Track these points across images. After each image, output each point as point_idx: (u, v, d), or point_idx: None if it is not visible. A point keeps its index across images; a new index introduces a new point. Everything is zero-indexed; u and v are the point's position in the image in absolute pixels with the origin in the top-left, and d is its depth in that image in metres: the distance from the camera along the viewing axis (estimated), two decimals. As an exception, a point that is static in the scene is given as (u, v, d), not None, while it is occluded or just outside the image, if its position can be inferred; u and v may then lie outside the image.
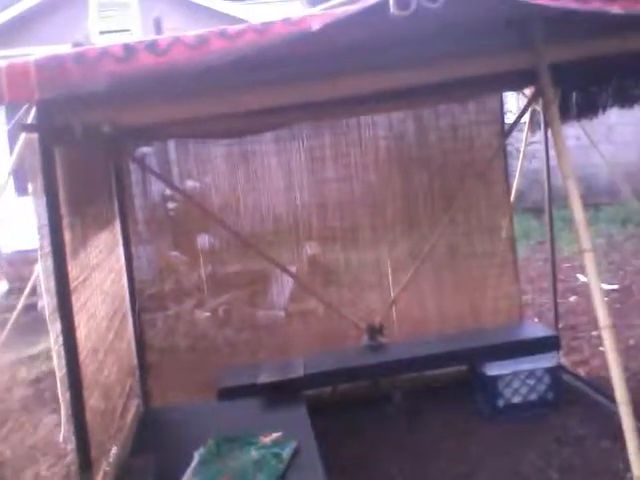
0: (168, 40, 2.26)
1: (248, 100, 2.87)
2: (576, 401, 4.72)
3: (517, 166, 5.55)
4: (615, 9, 2.48)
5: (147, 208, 5.10)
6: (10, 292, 6.85)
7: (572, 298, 7.01)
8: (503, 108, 5.32)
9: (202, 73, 2.27)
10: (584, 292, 6.92)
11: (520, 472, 3.94)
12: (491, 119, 5.18)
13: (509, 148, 5.74)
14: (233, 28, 2.30)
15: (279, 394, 4.21)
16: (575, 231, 2.89)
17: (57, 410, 3.98)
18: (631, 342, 5.76)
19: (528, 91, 4.91)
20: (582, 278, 7.50)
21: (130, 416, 4.20)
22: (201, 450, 3.48)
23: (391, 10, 2.21)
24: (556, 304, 5.35)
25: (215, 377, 4.62)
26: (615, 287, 7.24)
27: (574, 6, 2.44)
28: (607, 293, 6.71)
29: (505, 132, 5.24)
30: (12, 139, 2.66)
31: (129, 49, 2.23)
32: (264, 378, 4.40)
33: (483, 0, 2.32)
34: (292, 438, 3.51)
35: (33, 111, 2.55)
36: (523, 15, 2.62)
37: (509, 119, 5.87)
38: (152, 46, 2.23)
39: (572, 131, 5.19)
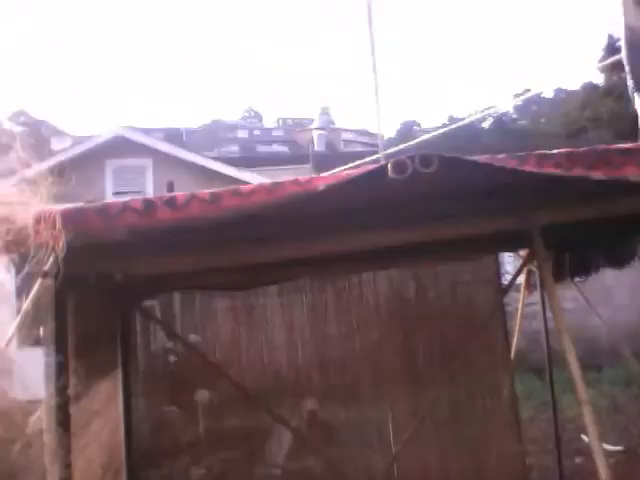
0: (185, 196, 2.46)
1: (256, 254, 3.03)
2: None
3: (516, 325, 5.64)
4: (597, 175, 2.69)
5: (148, 359, 5.13)
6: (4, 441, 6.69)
7: (577, 459, 6.81)
8: (499, 268, 5.51)
9: (214, 227, 2.44)
10: (589, 453, 6.71)
11: None
12: (488, 278, 5.36)
13: (508, 308, 5.87)
14: (245, 187, 2.50)
15: None
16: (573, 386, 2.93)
17: None
18: (639, 507, 5.53)
19: (523, 252, 5.12)
20: (587, 439, 7.32)
21: None
22: None
23: (389, 174, 2.42)
24: (561, 466, 5.22)
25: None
26: (620, 449, 7.07)
27: (558, 172, 2.65)
28: (612, 454, 6.53)
29: (502, 290, 5.38)
30: (19, 284, 2.78)
31: (148, 203, 2.42)
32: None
33: (472, 167, 2.53)
34: None
35: (51, 258, 2.70)
36: (511, 180, 2.83)
37: (507, 280, 6.04)
38: (170, 202, 2.42)
39: (570, 293, 5.33)
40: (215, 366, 5.03)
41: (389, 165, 2.42)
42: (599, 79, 26.99)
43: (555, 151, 2.73)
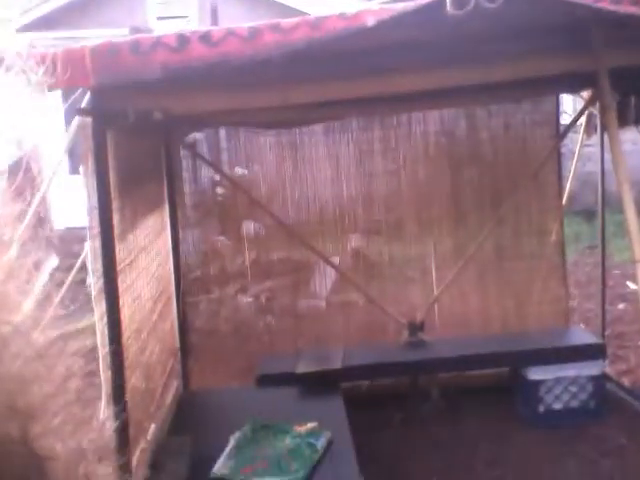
0: (222, 32, 2.28)
1: (299, 94, 2.87)
2: (619, 411, 4.62)
3: (570, 168, 5.43)
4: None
5: (196, 193, 5.17)
6: (60, 268, 7.02)
7: (621, 306, 6.83)
8: (559, 109, 5.20)
9: (254, 65, 2.28)
10: (634, 300, 6.74)
11: (556, 480, 3.88)
12: (546, 120, 5.08)
13: (563, 149, 5.61)
14: (287, 22, 2.30)
15: (316, 384, 4.24)
16: (628, 239, 2.82)
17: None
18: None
19: (585, 93, 4.80)
20: (632, 286, 7.32)
21: (170, 396, 4.28)
22: (237, 435, 3.54)
23: (448, 9, 2.18)
24: (604, 311, 5.23)
25: (254, 363, 4.67)
26: (665, 297, 7.03)
27: (635, 11, 2.37)
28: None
29: (560, 134, 5.13)
30: (68, 120, 2.76)
31: (183, 39, 2.26)
32: (302, 368, 4.43)
33: (542, 2, 2.27)
34: (327, 429, 3.53)
35: (87, 95, 2.61)
36: (583, 18, 2.56)
37: (564, 120, 5.74)
38: (205, 37, 2.25)
39: (628, 135, 5.04)
40: (260, 202, 5.04)
41: (448, -2, 2.18)
42: None
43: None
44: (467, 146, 5.12)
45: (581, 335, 5.09)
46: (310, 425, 3.59)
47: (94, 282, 2.74)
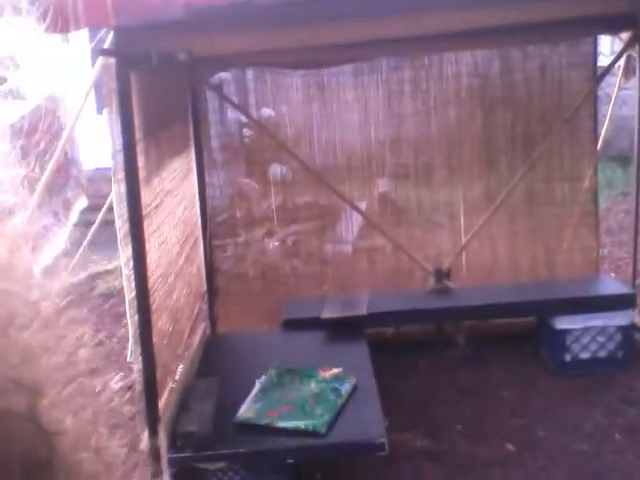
0: (247, -31, 2.19)
1: (325, 34, 2.78)
2: (647, 362, 4.56)
3: (606, 112, 5.25)
4: None
5: (223, 135, 5.11)
6: (89, 208, 7.06)
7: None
8: (596, 51, 4.99)
9: (278, 5, 2.19)
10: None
11: (582, 429, 3.86)
12: (582, 62, 4.88)
13: (599, 93, 5.41)
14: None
15: (342, 330, 4.25)
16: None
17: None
18: None
19: (625, 35, 4.59)
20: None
21: (197, 338, 4.32)
22: (262, 378, 3.57)
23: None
24: (635, 260, 5.11)
25: (280, 307, 4.69)
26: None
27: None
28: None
29: (597, 77, 4.93)
30: (95, 58, 2.71)
31: (207, -23, 2.17)
32: (328, 313, 4.44)
33: None
34: (352, 374, 3.55)
35: (111, 35, 2.55)
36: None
37: (602, 62, 5.52)
38: (231, -26, 2.17)
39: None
40: (287, 145, 4.97)
41: None
42: None
43: None
44: (500, 88, 4.96)
45: (611, 284, 5.00)
46: (335, 370, 3.61)
47: (120, 226, 2.72)
